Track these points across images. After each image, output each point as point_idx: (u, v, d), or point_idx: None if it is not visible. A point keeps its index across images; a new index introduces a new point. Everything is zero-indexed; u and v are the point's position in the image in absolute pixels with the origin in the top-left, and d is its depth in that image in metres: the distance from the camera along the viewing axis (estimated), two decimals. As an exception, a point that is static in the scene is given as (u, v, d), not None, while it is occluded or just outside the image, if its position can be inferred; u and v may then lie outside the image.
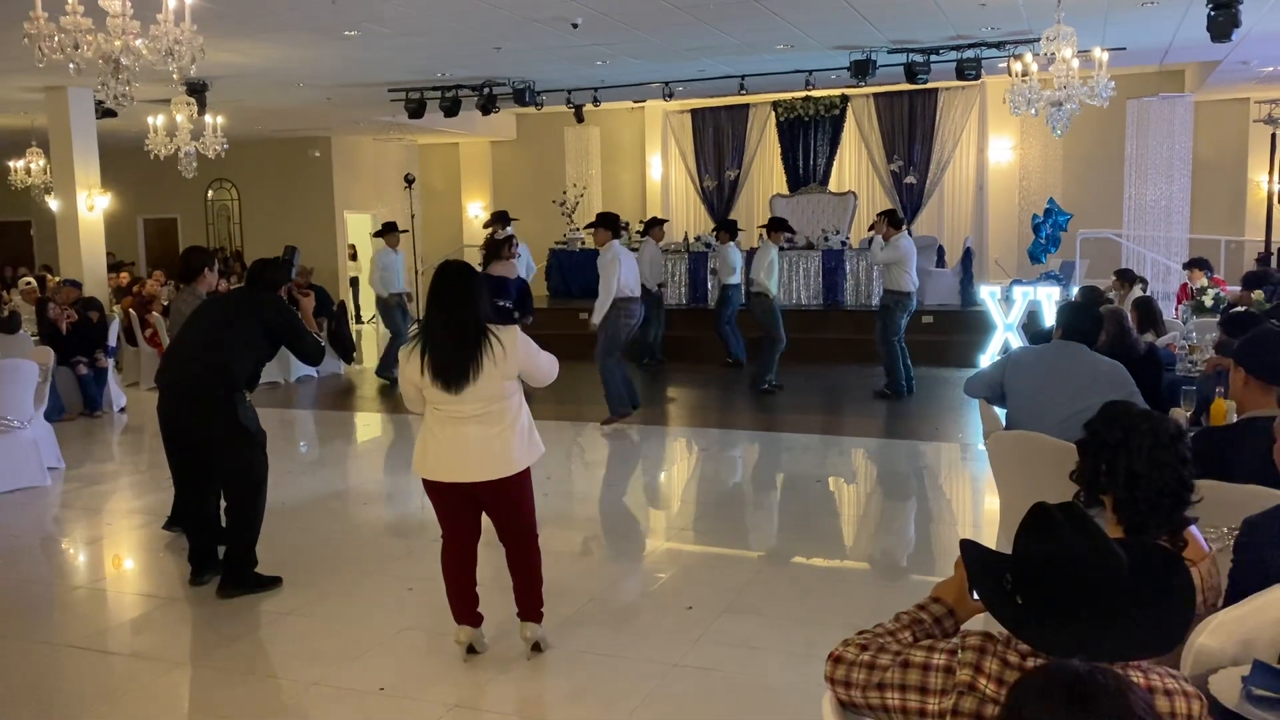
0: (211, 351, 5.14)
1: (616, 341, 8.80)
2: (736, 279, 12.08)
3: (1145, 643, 1.75)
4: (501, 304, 9.22)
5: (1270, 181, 13.99)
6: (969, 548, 1.96)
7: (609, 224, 8.86)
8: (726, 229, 12.39)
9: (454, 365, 3.97)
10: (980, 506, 6.78)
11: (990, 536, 5.53)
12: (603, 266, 8.71)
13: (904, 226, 10.77)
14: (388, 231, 11.86)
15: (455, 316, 4.00)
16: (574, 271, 15.19)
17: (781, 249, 11.28)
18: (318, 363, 6.00)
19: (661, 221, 13.02)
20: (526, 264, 11.99)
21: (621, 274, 8.63)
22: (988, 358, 11.21)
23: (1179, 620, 1.81)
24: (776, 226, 11.11)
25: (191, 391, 5.15)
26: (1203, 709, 1.71)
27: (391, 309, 11.70)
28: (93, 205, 12.29)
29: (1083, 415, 2.66)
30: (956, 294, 13.52)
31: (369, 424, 10.54)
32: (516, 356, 4.04)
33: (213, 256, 6.27)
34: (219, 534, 5.36)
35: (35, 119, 13.23)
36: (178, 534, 5.90)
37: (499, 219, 11.96)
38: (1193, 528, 2.52)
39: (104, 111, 12.06)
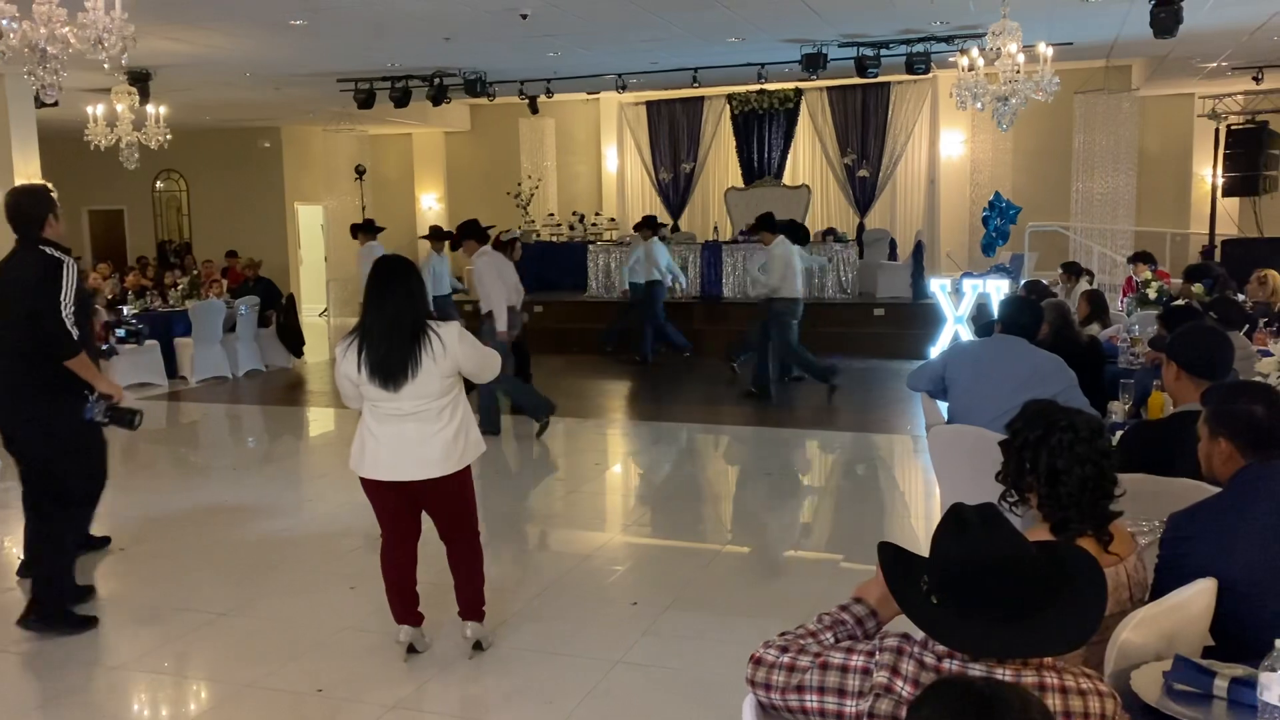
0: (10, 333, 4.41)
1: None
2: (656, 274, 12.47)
3: (1057, 639, 1.75)
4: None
5: (1213, 176, 14.22)
6: (886, 550, 1.96)
7: (472, 233, 8.38)
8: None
9: (392, 362, 3.91)
10: (930, 499, 6.83)
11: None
12: (478, 276, 8.25)
13: (777, 232, 9.81)
14: (435, 238, 11.48)
15: (394, 312, 3.94)
16: (529, 264, 15.09)
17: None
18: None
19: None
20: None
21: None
22: (937, 350, 11.30)
23: (1090, 617, 1.82)
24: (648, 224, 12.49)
25: None
26: (1116, 708, 1.72)
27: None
28: (32, 196, 11.98)
29: (1021, 409, 2.66)
30: (908, 287, 13.59)
31: (315, 419, 10.39)
32: (456, 353, 3.98)
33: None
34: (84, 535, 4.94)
35: (-28, 108, 12.88)
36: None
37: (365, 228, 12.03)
38: (1119, 522, 2.53)
39: (42, 101, 11.75)
